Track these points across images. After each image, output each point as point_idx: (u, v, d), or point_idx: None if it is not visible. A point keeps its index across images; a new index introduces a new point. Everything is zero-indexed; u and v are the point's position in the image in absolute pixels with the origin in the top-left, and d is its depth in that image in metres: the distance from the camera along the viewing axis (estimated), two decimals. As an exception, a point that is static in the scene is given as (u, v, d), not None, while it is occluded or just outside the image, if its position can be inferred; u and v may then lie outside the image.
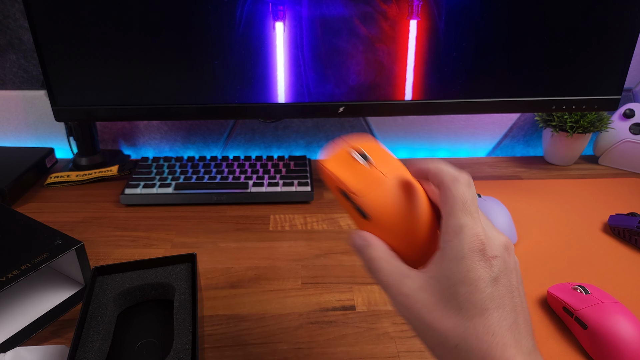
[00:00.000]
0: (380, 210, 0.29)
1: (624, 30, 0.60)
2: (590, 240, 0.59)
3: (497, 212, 0.59)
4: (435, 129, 0.86)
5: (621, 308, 0.42)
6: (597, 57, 0.62)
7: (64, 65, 0.60)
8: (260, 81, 0.61)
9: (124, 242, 0.59)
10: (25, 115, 0.83)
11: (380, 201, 0.29)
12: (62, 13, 0.57)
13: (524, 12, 0.58)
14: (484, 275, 0.24)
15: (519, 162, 0.84)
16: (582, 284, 0.46)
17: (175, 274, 0.46)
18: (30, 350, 0.39)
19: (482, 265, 0.25)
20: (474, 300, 0.24)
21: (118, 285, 0.44)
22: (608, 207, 0.66)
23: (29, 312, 0.46)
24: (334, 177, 0.31)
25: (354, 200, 0.30)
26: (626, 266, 0.54)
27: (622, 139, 0.78)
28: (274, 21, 0.58)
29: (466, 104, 0.64)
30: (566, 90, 0.64)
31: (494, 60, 0.61)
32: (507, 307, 0.24)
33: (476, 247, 0.25)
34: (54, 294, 0.48)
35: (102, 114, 0.64)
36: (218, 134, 0.86)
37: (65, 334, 0.45)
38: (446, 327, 0.24)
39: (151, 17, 0.57)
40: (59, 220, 0.64)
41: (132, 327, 0.42)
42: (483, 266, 0.25)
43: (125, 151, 0.87)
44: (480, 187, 0.72)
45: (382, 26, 0.58)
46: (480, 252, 0.25)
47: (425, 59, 0.61)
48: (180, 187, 0.67)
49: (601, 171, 0.79)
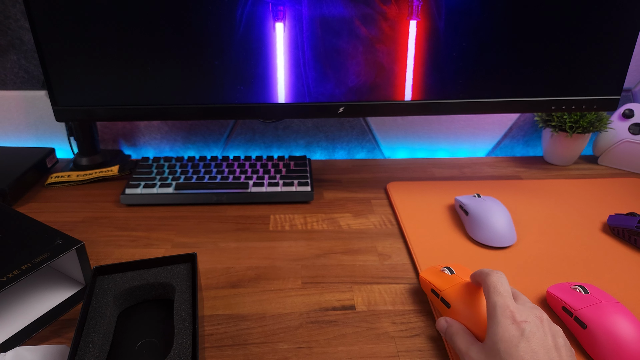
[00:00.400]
0: (456, 300, 0.44)
1: (623, 31, 0.60)
2: (589, 240, 0.59)
3: (497, 212, 0.59)
4: (435, 129, 0.87)
5: (620, 308, 0.42)
6: (596, 58, 0.62)
7: (64, 66, 0.60)
8: (261, 81, 0.62)
9: (125, 242, 0.59)
10: (26, 116, 0.83)
11: (456, 295, 0.44)
12: (63, 13, 0.57)
13: (524, 13, 0.59)
14: (516, 334, 0.34)
15: (519, 162, 0.84)
16: (581, 283, 0.46)
17: (176, 274, 0.46)
18: (31, 350, 0.39)
19: (514, 328, 0.34)
20: (511, 352, 0.33)
21: (118, 285, 0.44)
22: (607, 207, 0.67)
23: (29, 312, 0.46)
24: (427, 282, 0.48)
25: (440, 295, 0.46)
26: (625, 266, 0.54)
27: (621, 139, 0.78)
28: (274, 22, 0.58)
29: (466, 104, 0.64)
30: (566, 91, 0.64)
31: (493, 61, 0.61)
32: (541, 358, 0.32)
33: (507, 315, 0.35)
34: (55, 293, 0.48)
35: (102, 114, 0.64)
36: (218, 134, 0.86)
37: (65, 334, 0.45)
38: None
39: (152, 18, 0.58)
40: (60, 220, 0.64)
41: (132, 327, 0.43)
42: (515, 328, 0.34)
43: (125, 151, 0.87)
44: (479, 187, 0.72)
45: (382, 27, 0.59)
46: (511, 318, 0.35)
47: (425, 59, 0.61)
48: (180, 187, 0.68)
49: (600, 171, 0.80)
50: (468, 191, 0.70)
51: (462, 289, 0.44)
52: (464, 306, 0.42)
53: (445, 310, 0.44)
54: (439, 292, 0.46)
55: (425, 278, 0.49)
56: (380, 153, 0.89)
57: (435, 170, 0.80)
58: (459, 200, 0.64)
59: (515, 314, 0.35)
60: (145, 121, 0.83)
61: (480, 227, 0.58)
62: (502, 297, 0.36)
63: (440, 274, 0.48)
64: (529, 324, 0.34)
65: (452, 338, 0.40)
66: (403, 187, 0.73)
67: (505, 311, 0.35)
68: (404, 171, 0.80)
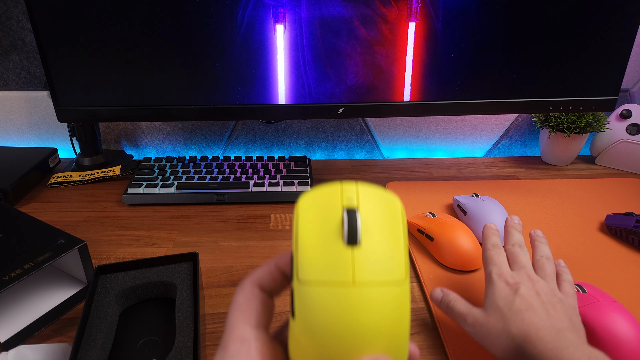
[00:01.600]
0: (437, 234, 0.55)
1: (620, 31, 0.60)
2: (587, 240, 0.59)
3: (495, 212, 0.59)
4: (434, 129, 0.87)
5: (618, 307, 0.42)
6: (594, 58, 0.62)
7: (66, 66, 0.61)
8: (261, 82, 0.62)
9: (127, 241, 0.60)
10: (28, 116, 0.84)
11: (437, 230, 0.55)
12: (65, 14, 0.57)
13: (521, 14, 0.59)
14: (511, 292, 0.39)
15: (517, 162, 0.84)
16: (579, 282, 0.46)
17: (177, 273, 0.46)
18: (33, 349, 0.39)
19: (509, 288, 0.39)
20: (510, 306, 0.37)
21: (120, 284, 0.44)
22: (605, 207, 0.67)
23: (31, 311, 0.46)
24: (414, 224, 0.59)
25: (425, 232, 0.56)
26: (623, 265, 0.54)
27: (619, 139, 0.78)
28: (275, 23, 0.58)
29: (464, 105, 0.64)
30: (563, 91, 0.64)
31: (491, 62, 0.62)
32: (538, 309, 0.37)
33: (502, 279, 0.40)
34: (57, 292, 0.49)
35: (104, 114, 0.64)
36: (219, 135, 0.86)
37: (67, 333, 0.45)
38: (497, 328, 0.37)
39: (154, 19, 0.58)
40: (62, 219, 0.65)
41: (134, 325, 0.43)
42: (509, 289, 0.39)
43: (127, 151, 0.87)
44: (477, 187, 0.73)
45: (381, 29, 0.59)
46: (505, 282, 0.40)
47: (424, 61, 0.61)
48: (182, 187, 0.68)
49: (598, 171, 0.80)
50: (466, 191, 0.70)
51: (442, 226, 0.56)
52: (444, 239, 0.54)
53: (429, 242, 0.56)
54: (423, 230, 0.57)
55: (412, 221, 0.60)
56: (379, 153, 0.90)
57: (434, 170, 0.81)
58: (457, 200, 0.64)
59: (508, 278, 0.40)
60: (147, 122, 0.84)
61: (478, 226, 0.58)
62: (497, 266, 0.41)
63: (424, 217, 0.59)
64: (522, 284, 0.39)
65: (450, 305, 0.42)
66: (402, 187, 0.73)
67: (500, 277, 0.40)
68: (403, 171, 0.80)
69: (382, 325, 0.22)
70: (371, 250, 0.22)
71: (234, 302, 0.26)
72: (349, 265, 0.22)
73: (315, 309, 0.22)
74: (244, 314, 0.25)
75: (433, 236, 0.56)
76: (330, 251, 0.22)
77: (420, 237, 0.58)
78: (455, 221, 0.57)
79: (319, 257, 0.22)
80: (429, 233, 0.56)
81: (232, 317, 0.25)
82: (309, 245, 0.23)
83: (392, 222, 0.24)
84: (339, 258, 0.22)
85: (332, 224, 0.23)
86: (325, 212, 0.23)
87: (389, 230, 0.23)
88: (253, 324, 0.25)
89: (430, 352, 0.43)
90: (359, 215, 0.23)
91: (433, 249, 0.56)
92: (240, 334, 0.24)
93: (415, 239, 0.60)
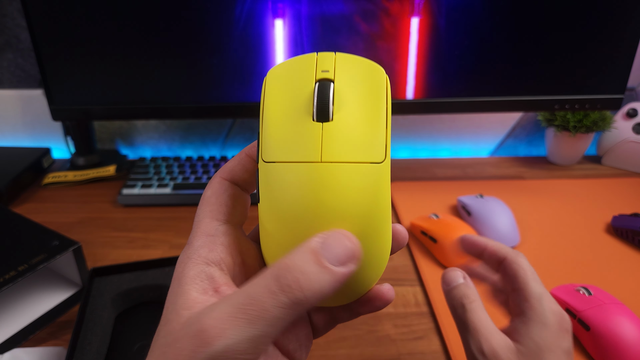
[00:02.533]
0: (441, 237, 0.53)
1: (626, 29, 0.60)
2: (593, 241, 0.58)
3: (500, 213, 0.58)
4: (437, 128, 0.86)
5: (624, 310, 0.42)
6: (600, 56, 0.61)
7: (61, 64, 0.60)
8: (260, 80, 0.61)
9: (122, 243, 0.59)
10: (22, 115, 0.83)
11: (440, 232, 0.54)
12: (60, 12, 0.57)
13: (526, 11, 0.58)
14: (564, 345, 0.26)
15: (522, 162, 0.83)
16: (585, 285, 0.46)
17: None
18: (28, 352, 0.38)
19: (562, 336, 0.27)
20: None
21: (116, 287, 0.44)
22: (611, 208, 0.66)
23: (26, 314, 0.45)
24: (417, 225, 0.57)
25: (428, 234, 0.55)
26: (629, 267, 0.53)
27: (625, 138, 0.77)
28: (274, 18, 0.57)
29: (468, 103, 0.63)
30: (569, 89, 0.63)
31: (496, 59, 0.61)
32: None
33: (557, 319, 0.27)
34: (52, 295, 0.48)
35: (99, 113, 0.63)
36: (216, 133, 0.85)
37: (62, 336, 0.44)
38: None
39: (149, 16, 0.57)
40: (56, 220, 0.64)
41: (130, 329, 0.42)
42: (563, 337, 0.27)
43: (122, 151, 0.86)
44: (482, 187, 0.72)
45: (383, 24, 0.58)
46: (559, 323, 0.27)
47: (427, 58, 0.60)
48: (178, 187, 0.67)
49: (604, 171, 0.79)
50: (471, 191, 0.69)
51: (446, 228, 0.54)
52: (447, 241, 0.52)
53: (432, 245, 0.55)
54: (427, 232, 0.55)
55: (415, 223, 0.59)
56: (380, 153, 0.89)
57: (438, 171, 0.80)
58: (462, 200, 0.63)
59: (563, 320, 0.27)
60: (143, 120, 0.83)
61: (483, 227, 0.57)
62: (545, 290, 0.28)
63: (427, 218, 0.58)
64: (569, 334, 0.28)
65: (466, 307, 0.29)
66: (405, 187, 0.72)
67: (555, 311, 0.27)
68: (406, 171, 0.79)
69: (351, 207, 0.19)
70: (345, 127, 0.20)
71: (202, 198, 0.24)
72: (317, 143, 0.19)
73: (277, 187, 0.20)
74: (212, 207, 0.23)
75: (437, 238, 0.54)
76: (298, 129, 0.20)
77: (424, 239, 0.57)
78: (460, 222, 0.56)
79: (285, 135, 0.20)
80: (432, 235, 0.55)
81: (200, 212, 0.23)
82: (274, 122, 0.21)
83: (374, 96, 0.21)
84: (306, 135, 0.20)
85: (302, 99, 0.20)
86: (296, 85, 0.21)
87: (370, 105, 0.20)
88: (221, 219, 0.23)
89: (435, 358, 0.42)
90: (332, 87, 0.20)
91: (437, 251, 0.54)
92: (205, 229, 0.22)
93: (419, 241, 0.58)
